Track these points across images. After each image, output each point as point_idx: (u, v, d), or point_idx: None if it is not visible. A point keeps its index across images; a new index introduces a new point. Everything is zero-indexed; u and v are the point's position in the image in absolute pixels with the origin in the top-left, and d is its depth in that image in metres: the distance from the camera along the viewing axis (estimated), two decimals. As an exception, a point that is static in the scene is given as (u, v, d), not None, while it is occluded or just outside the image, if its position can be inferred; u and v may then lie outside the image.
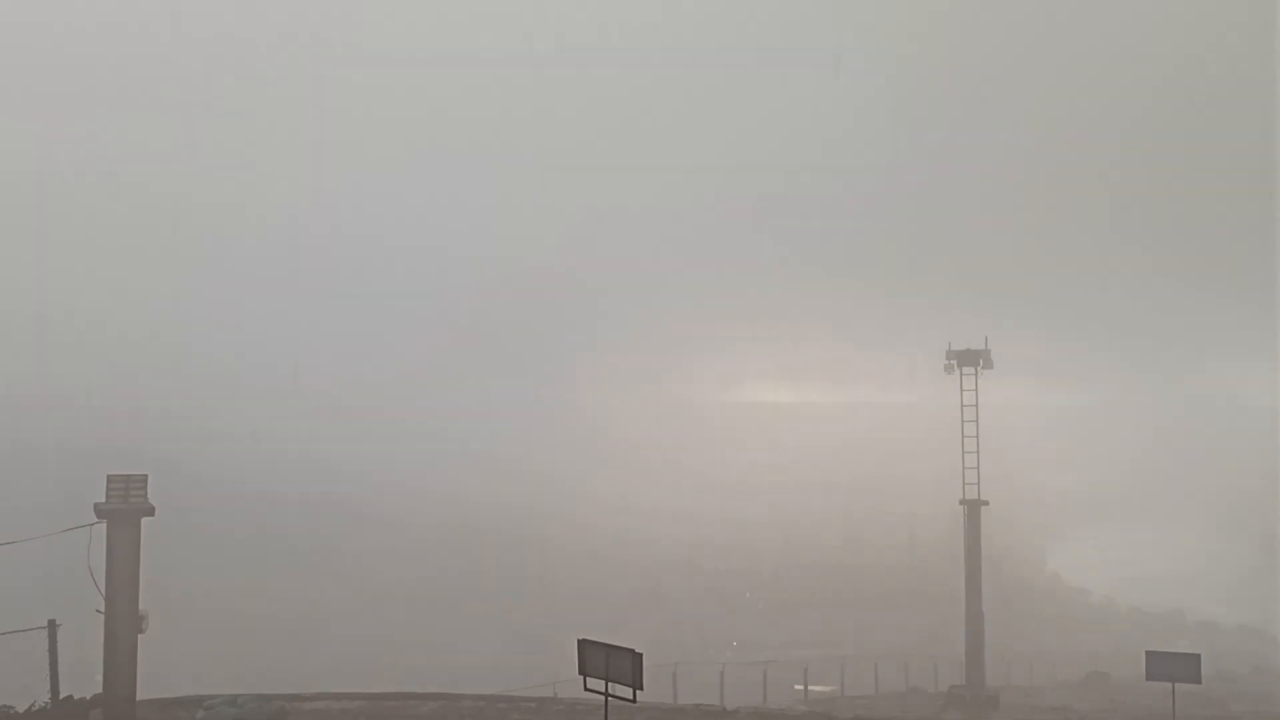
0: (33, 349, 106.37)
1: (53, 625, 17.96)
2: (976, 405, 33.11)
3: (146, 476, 18.08)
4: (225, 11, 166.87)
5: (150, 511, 18.00)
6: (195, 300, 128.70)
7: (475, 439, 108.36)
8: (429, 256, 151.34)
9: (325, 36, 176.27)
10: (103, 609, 17.74)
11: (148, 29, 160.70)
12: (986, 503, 32.97)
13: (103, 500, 17.83)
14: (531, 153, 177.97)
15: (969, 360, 33.30)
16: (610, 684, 13.60)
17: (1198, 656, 21.01)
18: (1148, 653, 21.37)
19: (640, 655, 13.40)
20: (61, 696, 18.33)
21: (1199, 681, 20.89)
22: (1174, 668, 20.84)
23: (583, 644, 14.04)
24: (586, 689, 14.07)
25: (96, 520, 17.76)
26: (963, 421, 33.21)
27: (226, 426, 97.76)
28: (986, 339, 33.60)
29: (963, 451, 33.07)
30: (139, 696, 18.44)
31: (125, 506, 17.78)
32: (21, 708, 18.53)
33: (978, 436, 32.98)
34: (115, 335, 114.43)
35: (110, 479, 17.92)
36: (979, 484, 32.81)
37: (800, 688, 38.83)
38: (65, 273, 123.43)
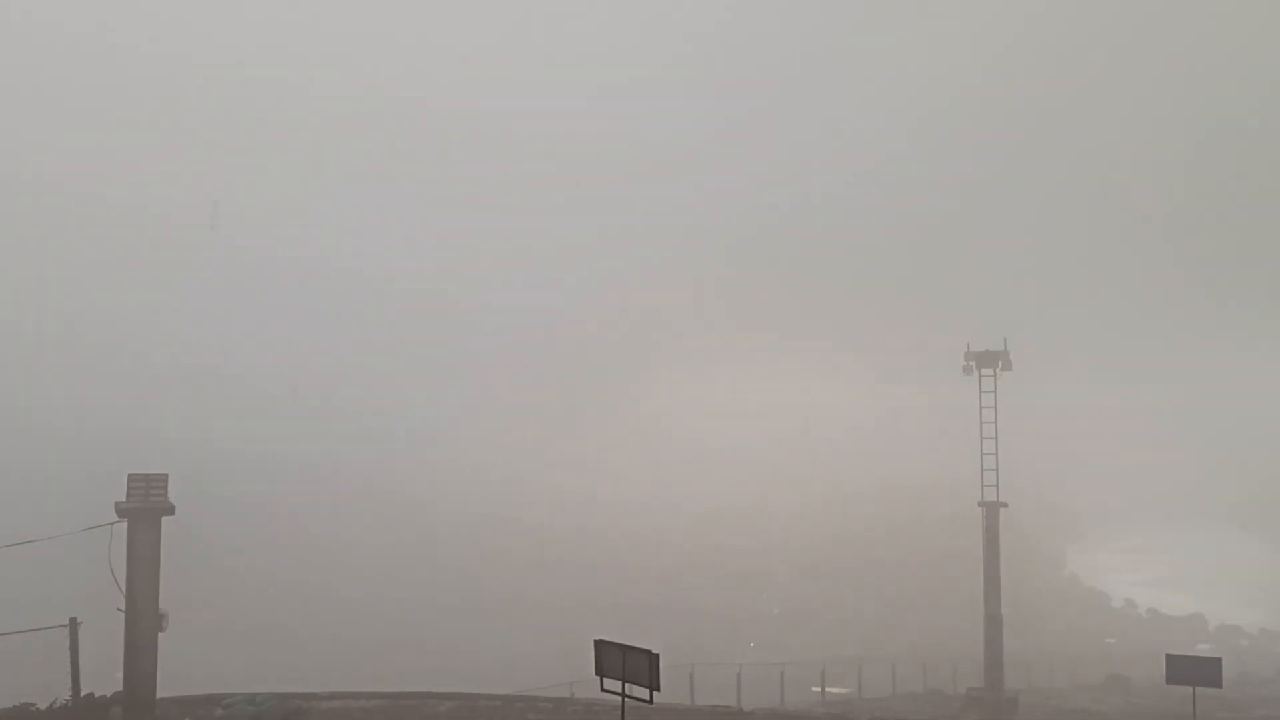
0: (57, 356, 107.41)
1: (74, 623, 18.08)
2: (995, 407, 32.93)
3: (167, 476, 18.18)
4: (220, 32, 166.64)
5: (170, 511, 18.10)
6: (216, 310, 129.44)
7: (492, 444, 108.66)
8: (432, 267, 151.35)
9: (325, 56, 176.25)
10: (123, 607, 17.84)
11: (141, 48, 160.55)
12: (1005, 505, 32.81)
13: (123, 499, 17.93)
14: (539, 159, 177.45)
15: (988, 361, 33.12)
16: (627, 684, 13.58)
17: (1219, 660, 20.81)
18: (1168, 656, 21.16)
19: (657, 656, 13.38)
20: (82, 694, 18.45)
21: (1220, 685, 20.67)
22: (1195, 671, 20.64)
23: (599, 644, 14.03)
24: (603, 689, 14.06)
25: (117, 519, 17.86)
26: (981, 423, 33.03)
27: (246, 427, 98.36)
28: (1005, 340, 33.41)
29: (981, 454, 32.90)
30: (159, 694, 18.54)
31: (146, 506, 17.88)
32: (43, 705, 18.65)
33: (996, 438, 32.80)
34: (135, 341, 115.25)
35: (131, 478, 18.01)
36: (998, 486, 32.66)
37: (818, 689, 38.75)
38: (86, 285, 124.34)
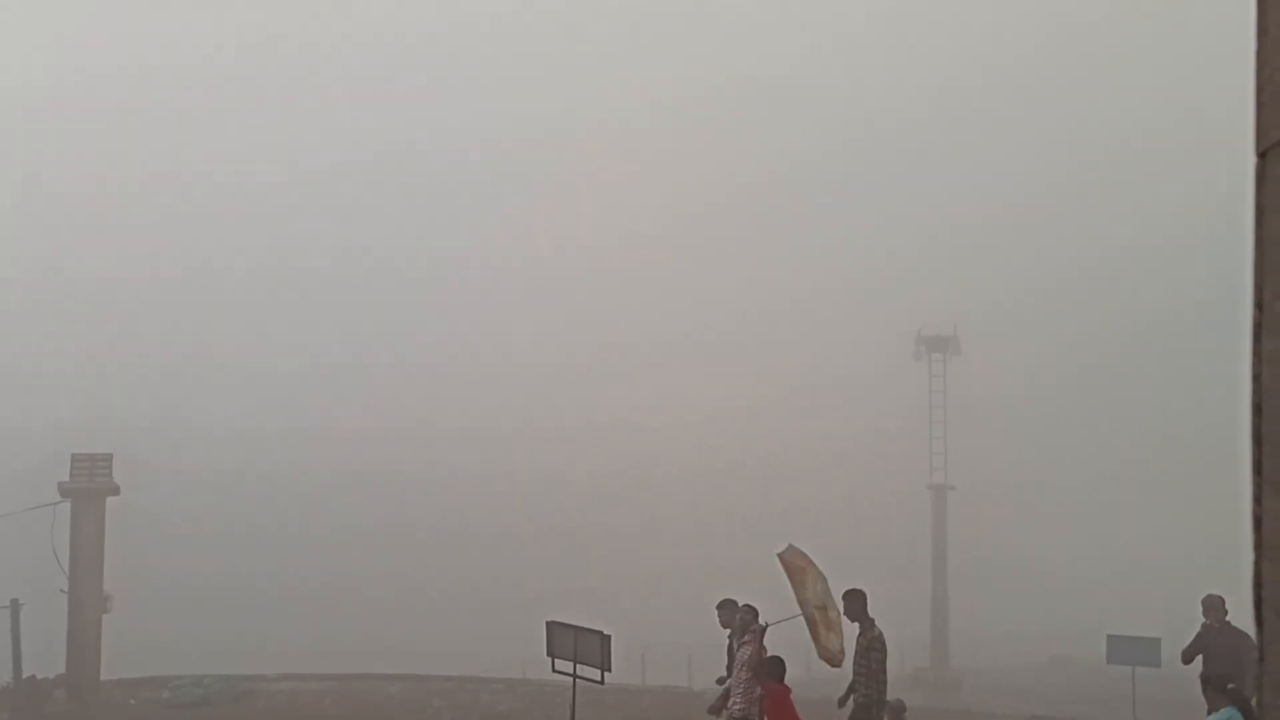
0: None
1: (15, 604, 17.81)
2: (945, 391, 33.33)
3: (111, 455, 17.95)
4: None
5: (115, 490, 17.87)
6: (156, 279, 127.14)
7: (445, 418, 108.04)
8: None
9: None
10: (66, 589, 17.61)
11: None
12: (954, 487, 33.28)
13: (67, 479, 17.67)
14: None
15: (938, 346, 33.49)
16: (578, 665, 13.62)
17: (1158, 640, 21.16)
18: (1108, 636, 21.53)
19: (609, 637, 13.43)
20: (24, 677, 18.18)
21: (1159, 665, 21.00)
22: (1134, 651, 20.99)
23: (551, 625, 14.05)
24: (555, 670, 14.08)
25: (60, 499, 17.61)
26: (930, 407, 33.43)
27: (191, 403, 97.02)
28: (955, 325, 33.81)
29: (930, 437, 33.32)
30: (103, 677, 18.35)
31: (90, 485, 17.64)
32: (-16, 688, 18.37)
33: (945, 422, 33.23)
34: (77, 313, 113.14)
35: (75, 458, 17.76)
36: (946, 469, 33.10)
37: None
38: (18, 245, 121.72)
